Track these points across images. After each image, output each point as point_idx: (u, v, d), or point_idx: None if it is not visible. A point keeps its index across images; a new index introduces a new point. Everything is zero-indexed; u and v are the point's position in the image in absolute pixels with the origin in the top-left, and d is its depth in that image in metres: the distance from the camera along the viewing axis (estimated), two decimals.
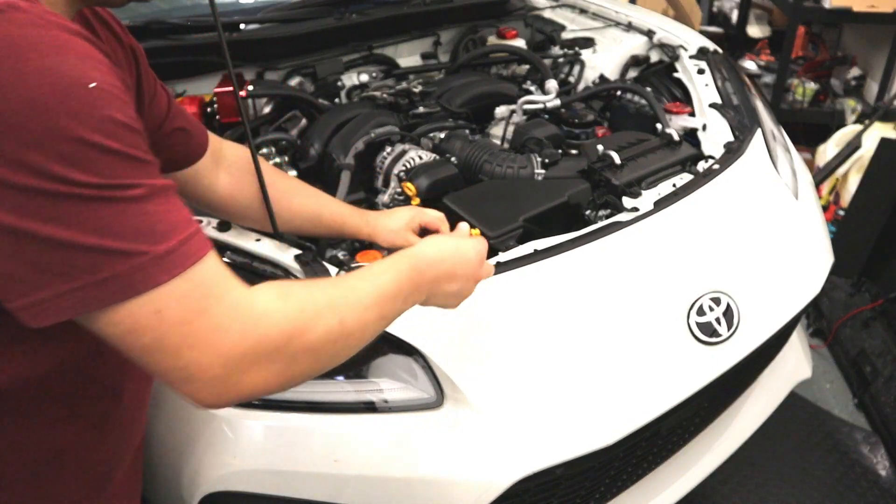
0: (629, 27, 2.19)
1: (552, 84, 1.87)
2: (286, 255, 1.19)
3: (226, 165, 1.13)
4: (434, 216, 1.26)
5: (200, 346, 0.62)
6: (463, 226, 1.05)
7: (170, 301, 0.61)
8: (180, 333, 0.61)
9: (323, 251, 1.39)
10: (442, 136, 1.73)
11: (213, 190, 1.11)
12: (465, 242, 0.94)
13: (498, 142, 1.78)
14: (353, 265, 1.24)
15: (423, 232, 1.25)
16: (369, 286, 0.77)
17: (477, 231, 1.30)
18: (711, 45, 2.03)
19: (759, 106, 1.83)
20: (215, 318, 0.63)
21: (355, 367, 1.15)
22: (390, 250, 1.31)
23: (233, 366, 0.63)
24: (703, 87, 1.85)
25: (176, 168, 1.04)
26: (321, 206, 1.22)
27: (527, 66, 2.12)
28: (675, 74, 1.97)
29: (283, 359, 0.67)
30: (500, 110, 1.86)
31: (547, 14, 2.42)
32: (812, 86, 3.66)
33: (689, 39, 2.05)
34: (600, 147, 1.58)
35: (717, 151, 1.62)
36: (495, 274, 1.21)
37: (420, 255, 0.86)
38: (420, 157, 1.62)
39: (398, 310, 0.82)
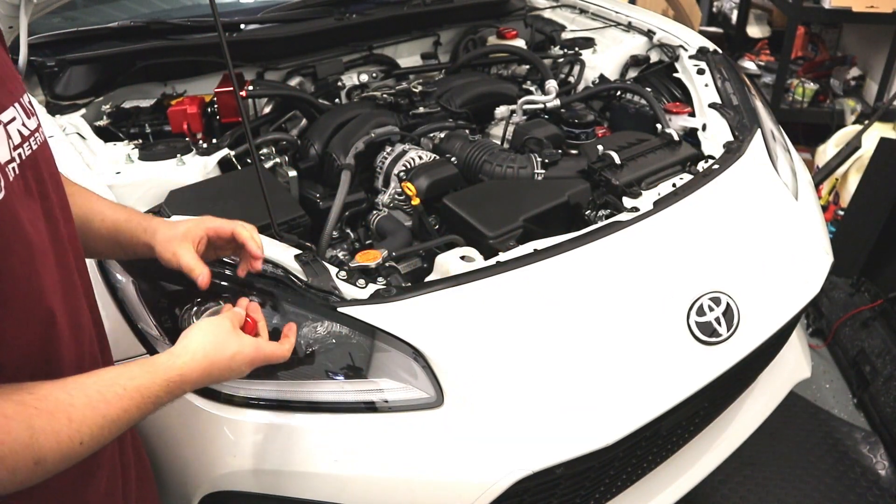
0: (629, 27, 2.20)
1: (552, 84, 1.88)
2: (286, 255, 1.19)
3: None
4: (220, 222, 1.03)
5: None
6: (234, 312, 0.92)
7: None
8: None
9: (323, 251, 1.39)
10: (442, 136, 1.73)
11: None
12: (226, 346, 0.85)
13: (498, 142, 1.78)
14: (352, 265, 1.24)
15: (224, 243, 1.05)
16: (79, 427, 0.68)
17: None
18: (711, 46, 2.03)
19: (759, 106, 1.83)
20: None
21: (355, 367, 1.15)
22: (391, 252, 1.31)
23: None
24: (702, 87, 1.85)
25: None
26: (91, 213, 0.97)
27: (527, 66, 2.12)
28: (675, 74, 1.97)
29: None
30: (500, 110, 1.86)
31: (547, 14, 2.42)
32: (812, 86, 3.67)
33: (689, 39, 2.05)
34: (600, 147, 1.58)
35: (717, 151, 1.62)
36: (495, 275, 1.21)
37: (164, 374, 0.78)
38: (420, 157, 1.62)
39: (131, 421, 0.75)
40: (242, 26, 1.92)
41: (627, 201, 1.44)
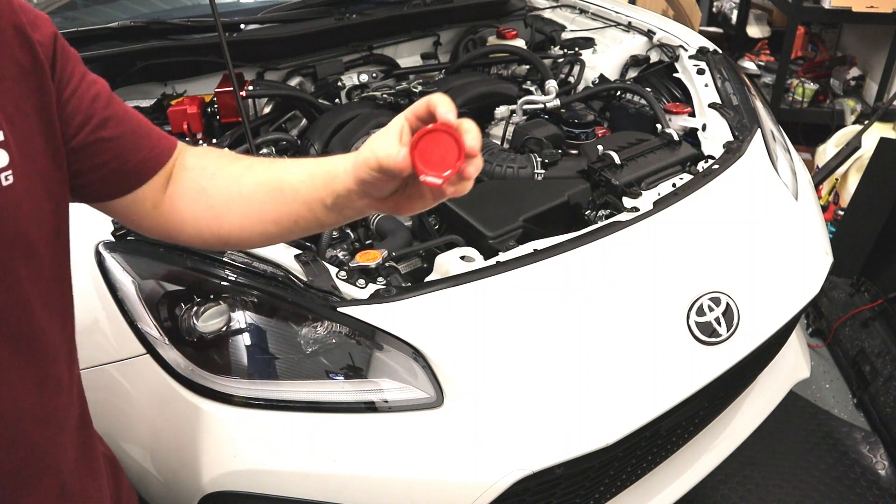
0: (629, 27, 2.20)
1: (552, 84, 1.88)
2: (286, 255, 1.19)
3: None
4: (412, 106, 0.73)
5: None
6: None
7: None
8: None
9: (323, 251, 1.39)
10: None
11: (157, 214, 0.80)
12: None
13: (498, 142, 1.78)
14: (352, 265, 1.25)
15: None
16: None
17: None
18: (711, 46, 2.03)
19: (759, 106, 1.84)
20: None
21: (355, 367, 1.15)
22: (391, 252, 1.31)
23: None
24: (702, 87, 1.85)
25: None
26: (282, 171, 0.80)
27: (527, 66, 2.12)
28: (675, 74, 1.97)
29: None
30: (500, 110, 1.86)
31: (547, 14, 2.42)
32: (812, 86, 3.67)
33: (689, 39, 2.05)
34: (600, 147, 1.58)
35: (717, 151, 1.62)
36: (495, 275, 1.21)
37: None
38: None
39: None
40: (242, 26, 1.91)
41: (627, 201, 1.44)
